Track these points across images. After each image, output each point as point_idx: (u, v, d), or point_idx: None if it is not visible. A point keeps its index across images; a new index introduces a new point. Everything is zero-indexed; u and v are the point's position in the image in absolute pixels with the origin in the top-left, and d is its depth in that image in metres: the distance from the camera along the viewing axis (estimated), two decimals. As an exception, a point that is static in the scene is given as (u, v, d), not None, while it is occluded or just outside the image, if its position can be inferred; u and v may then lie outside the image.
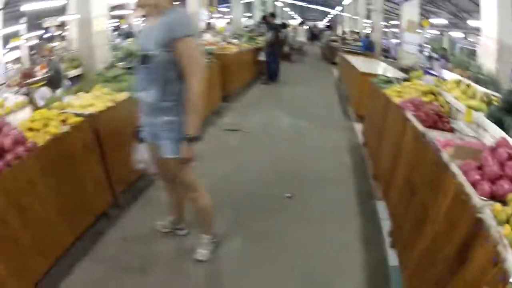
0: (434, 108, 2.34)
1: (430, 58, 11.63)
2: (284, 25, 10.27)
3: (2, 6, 9.27)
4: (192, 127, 1.66)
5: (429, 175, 1.67)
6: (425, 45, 8.34)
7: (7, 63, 13.62)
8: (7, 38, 11.44)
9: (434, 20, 12.53)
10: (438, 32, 17.73)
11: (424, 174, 1.75)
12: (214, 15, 12.47)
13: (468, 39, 15.50)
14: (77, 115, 2.18)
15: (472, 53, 17.30)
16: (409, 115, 2.24)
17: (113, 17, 15.72)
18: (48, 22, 10.76)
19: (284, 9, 25.45)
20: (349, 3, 16.62)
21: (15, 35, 12.15)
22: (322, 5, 27.02)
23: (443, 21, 13.05)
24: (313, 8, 30.02)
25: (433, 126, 2.14)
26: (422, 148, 1.84)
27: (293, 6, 29.74)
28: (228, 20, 16.54)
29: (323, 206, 2.67)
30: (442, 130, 2.11)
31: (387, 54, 11.32)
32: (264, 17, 10.18)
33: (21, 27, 12.52)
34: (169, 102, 1.70)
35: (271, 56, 7.40)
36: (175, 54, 1.62)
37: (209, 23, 10.30)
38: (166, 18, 1.63)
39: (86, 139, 2.13)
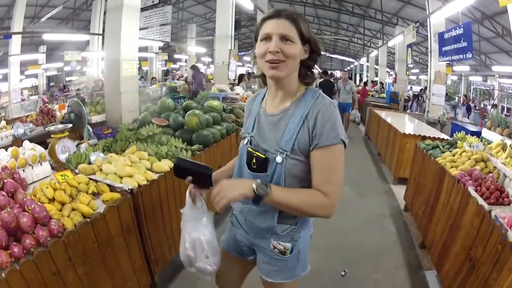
0: (494, 182, 2.28)
1: (454, 107, 11.50)
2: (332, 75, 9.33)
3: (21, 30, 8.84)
4: (264, 192, 0.97)
5: (494, 253, 1.65)
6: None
7: (23, 89, 13.14)
8: (25, 64, 11.22)
9: (457, 68, 12.00)
10: (456, 78, 17.60)
11: (488, 252, 1.72)
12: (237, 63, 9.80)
13: (488, 82, 15.26)
14: (112, 188, 1.85)
15: (485, 93, 17.03)
16: (473, 192, 2.18)
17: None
18: (69, 56, 10.53)
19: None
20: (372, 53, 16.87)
21: (34, 62, 12.05)
22: (342, 54, 26.79)
23: (466, 68, 12.53)
24: (331, 57, 30.30)
25: (495, 202, 2.09)
26: (487, 225, 1.81)
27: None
28: (250, 70, 15.37)
29: (373, 278, 2.51)
30: (502, 204, 2.00)
31: (406, 104, 11.11)
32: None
33: (40, 56, 12.28)
34: (284, 226, 1.12)
35: None
36: (307, 163, 1.04)
37: (242, 75, 8.90)
38: (304, 108, 1.04)
39: (124, 219, 1.79)
